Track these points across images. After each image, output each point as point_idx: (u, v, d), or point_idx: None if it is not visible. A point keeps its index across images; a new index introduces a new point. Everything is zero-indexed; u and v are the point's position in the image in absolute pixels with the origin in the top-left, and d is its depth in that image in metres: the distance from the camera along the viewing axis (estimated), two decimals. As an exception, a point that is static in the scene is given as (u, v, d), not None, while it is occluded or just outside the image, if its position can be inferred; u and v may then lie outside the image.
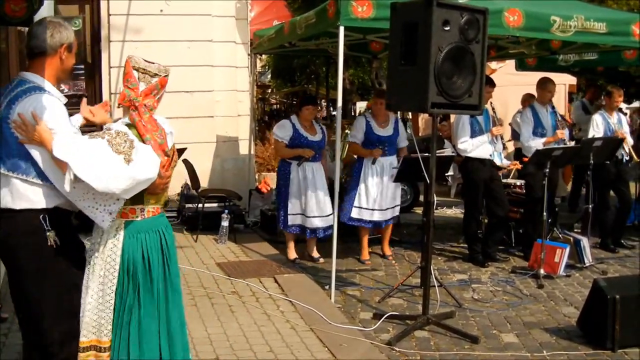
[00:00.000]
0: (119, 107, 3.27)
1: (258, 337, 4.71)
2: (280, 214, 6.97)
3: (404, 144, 7.13)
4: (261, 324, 4.96)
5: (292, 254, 7.03)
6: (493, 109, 7.02)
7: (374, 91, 13.02)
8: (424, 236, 5.34)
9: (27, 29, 3.38)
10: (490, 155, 6.93)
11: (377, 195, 6.88)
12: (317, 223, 6.86)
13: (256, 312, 5.20)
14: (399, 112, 10.61)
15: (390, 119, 7.05)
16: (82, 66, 9.09)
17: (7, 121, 3.01)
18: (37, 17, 6.23)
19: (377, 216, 6.93)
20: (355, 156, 7.35)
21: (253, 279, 6.06)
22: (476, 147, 6.80)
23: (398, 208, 7.08)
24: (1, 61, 6.67)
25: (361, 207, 6.91)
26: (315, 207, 6.83)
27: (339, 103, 5.99)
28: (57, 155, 2.91)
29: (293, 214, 6.86)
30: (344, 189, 7.00)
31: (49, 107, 3.04)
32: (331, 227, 6.86)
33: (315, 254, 7.07)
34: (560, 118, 7.23)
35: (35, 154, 3.00)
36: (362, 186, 6.90)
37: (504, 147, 7.44)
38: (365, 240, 7.12)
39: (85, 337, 3.13)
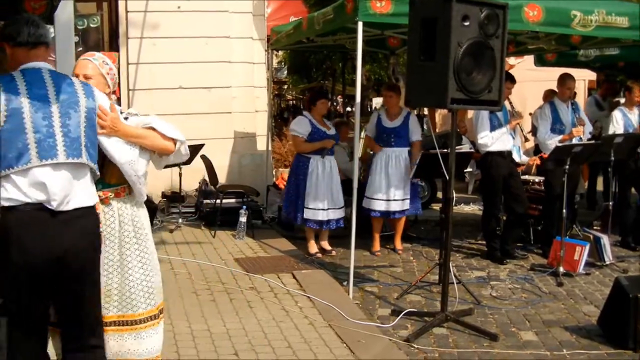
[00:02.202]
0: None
1: (276, 332, 4.71)
2: (298, 210, 6.97)
3: (416, 137, 7.13)
4: (279, 319, 4.96)
5: (314, 248, 7.05)
6: (510, 103, 6.97)
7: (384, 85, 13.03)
8: (443, 233, 5.31)
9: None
10: (511, 148, 6.91)
11: (384, 185, 6.96)
12: (333, 215, 6.97)
13: (274, 308, 5.21)
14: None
15: (402, 112, 7.14)
16: (101, 62, 9.13)
17: (95, 112, 2.97)
18: (57, 14, 6.29)
19: (384, 206, 6.99)
20: (371, 152, 7.42)
21: (271, 274, 6.06)
22: (496, 139, 6.75)
23: (408, 202, 7.06)
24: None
25: (369, 197, 7.05)
26: (331, 200, 6.91)
27: (358, 99, 5.96)
28: (173, 136, 3.22)
29: (312, 209, 6.87)
30: (362, 185, 7.03)
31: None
32: (342, 218, 7.02)
33: (328, 247, 7.11)
34: (579, 115, 7.14)
35: (111, 142, 3.06)
36: (370, 177, 7.08)
37: (526, 140, 7.38)
38: (376, 232, 7.21)
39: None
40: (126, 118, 3.24)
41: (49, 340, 3.13)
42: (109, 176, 3.18)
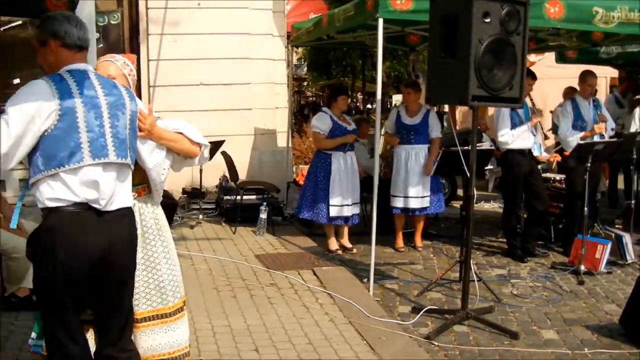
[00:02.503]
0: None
1: (297, 329, 4.74)
2: (321, 209, 6.95)
3: (435, 134, 7.10)
4: (300, 316, 4.99)
5: (334, 245, 7.06)
6: (531, 100, 6.93)
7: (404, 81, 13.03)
8: (463, 230, 5.30)
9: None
10: (532, 145, 6.87)
11: (403, 182, 6.99)
12: (355, 210, 7.02)
13: (295, 304, 5.24)
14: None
15: (422, 109, 7.14)
16: (122, 59, 9.20)
17: (136, 115, 3.02)
18: (78, 11, 6.34)
19: (403, 203, 7.01)
20: (391, 148, 7.45)
21: (292, 271, 6.09)
22: (517, 137, 6.72)
23: (428, 199, 7.05)
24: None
25: (392, 195, 7.08)
26: (351, 195, 6.95)
27: (378, 96, 5.96)
28: (199, 140, 3.35)
29: (338, 206, 6.89)
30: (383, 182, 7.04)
31: None
32: (359, 214, 7.10)
33: (349, 244, 7.12)
34: (600, 112, 7.08)
35: (145, 147, 3.14)
36: (393, 174, 7.11)
37: (546, 137, 7.33)
38: (398, 229, 7.24)
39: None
40: None
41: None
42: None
